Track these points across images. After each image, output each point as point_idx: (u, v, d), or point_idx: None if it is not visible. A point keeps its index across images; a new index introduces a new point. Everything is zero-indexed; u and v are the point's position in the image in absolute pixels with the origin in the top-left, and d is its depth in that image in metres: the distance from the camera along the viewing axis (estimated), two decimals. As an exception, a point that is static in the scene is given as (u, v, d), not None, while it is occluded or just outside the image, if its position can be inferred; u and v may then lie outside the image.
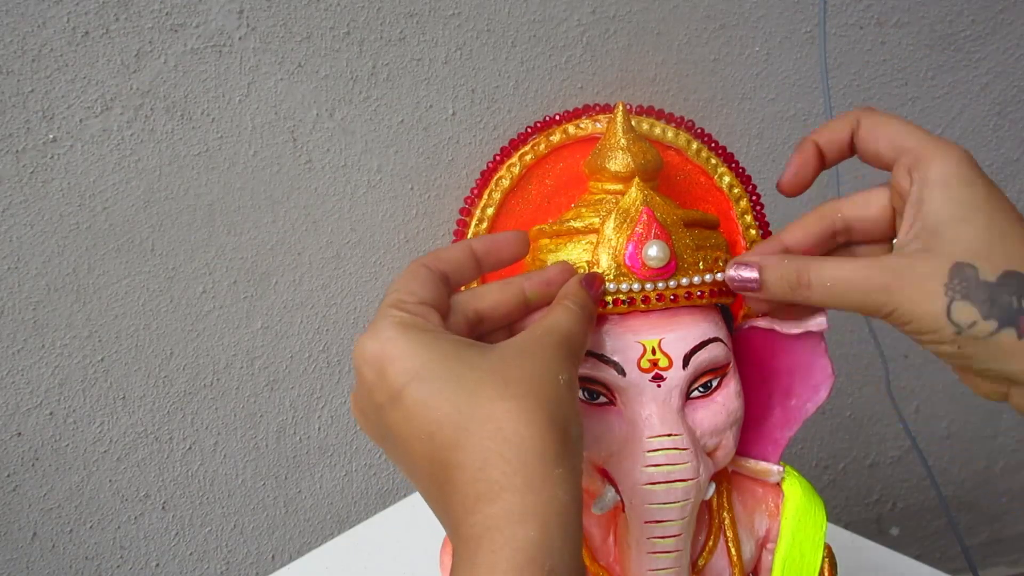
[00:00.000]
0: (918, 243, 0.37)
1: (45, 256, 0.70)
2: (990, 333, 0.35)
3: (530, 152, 0.46)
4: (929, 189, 0.37)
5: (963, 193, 0.36)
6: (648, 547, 0.40)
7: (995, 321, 0.35)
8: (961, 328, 0.35)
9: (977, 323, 0.35)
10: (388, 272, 0.80)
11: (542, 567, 0.30)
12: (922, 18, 0.88)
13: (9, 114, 0.65)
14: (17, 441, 0.74)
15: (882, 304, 0.37)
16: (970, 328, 0.35)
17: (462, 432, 0.31)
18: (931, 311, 0.36)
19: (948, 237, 0.36)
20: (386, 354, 0.33)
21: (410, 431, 0.33)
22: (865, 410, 1.08)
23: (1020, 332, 0.35)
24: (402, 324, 0.34)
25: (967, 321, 0.35)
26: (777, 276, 0.39)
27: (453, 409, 0.32)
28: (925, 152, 0.37)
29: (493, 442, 0.31)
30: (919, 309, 0.36)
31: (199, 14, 0.68)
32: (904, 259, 0.37)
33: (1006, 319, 0.35)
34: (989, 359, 0.36)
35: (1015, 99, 0.95)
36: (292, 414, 0.83)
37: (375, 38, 0.73)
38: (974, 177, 0.37)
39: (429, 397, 0.32)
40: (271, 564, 0.87)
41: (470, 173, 0.79)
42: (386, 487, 0.90)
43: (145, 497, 0.80)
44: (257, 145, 0.73)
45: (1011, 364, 0.36)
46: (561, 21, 0.77)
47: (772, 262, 0.40)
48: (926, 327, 0.36)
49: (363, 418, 0.36)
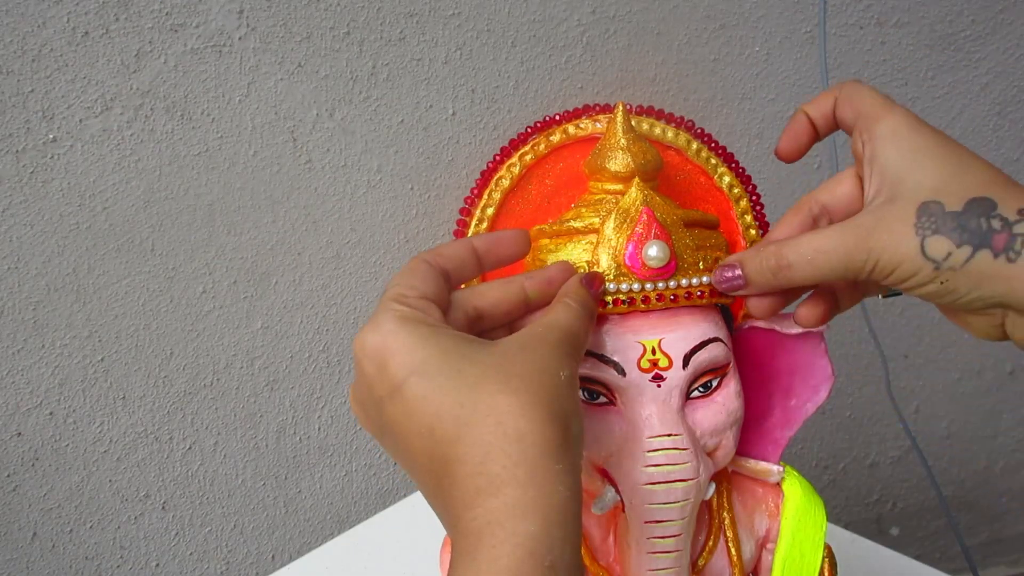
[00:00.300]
0: (882, 196, 0.38)
1: (45, 256, 0.70)
2: (966, 259, 0.36)
3: (530, 152, 0.46)
4: (881, 143, 0.38)
5: (914, 141, 0.38)
6: (648, 547, 0.40)
7: (968, 247, 0.36)
8: (938, 262, 0.36)
9: (952, 253, 0.36)
10: (388, 272, 0.80)
11: (542, 562, 0.30)
12: (922, 18, 0.88)
13: (9, 114, 0.65)
14: (17, 441, 0.74)
15: (863, 261, 0.37)
16: (947, 260, 0.36)
17: (463, 426, 0.31)
18: (908, 254, 0.36)
19: (908, 183, 0.37)
20: (387, 347, 0.33)
21: (410, 425, 0.33)
22: (865, 410, 1.08)
23: (995, 251, 0.36)
24: (403, 318, 0.34)
25: (942, 253, 0.36)
26: (756, 266, 0.40)
27: (454, 403, 0.32)
28: (873, 112, 0.39)
29: (494, 436, 0.31)
30: (896, 255, 0.37)
31: (199, 14, 0.68)
32: (872, 214, 0.38)
33: (978, 241, 0.36)
34: (973, 287, 0.36)
35: (1015, 99, 0.95)
36: (292, 414, 0.83)
37: (375, 38, 0.73)
38: (920, 125, 0.38)
39: (430, 391, 0.32)
40: (271, 564, 0.87)
41: (470, 173, 0.79)
42: (386, 487, 0.90)
43: (145, 497, 0.80)
44: (257, 145, 0.73)
45: (995, 286, 0.36)
46: (561, 21, 0.77)
47: (749, 255, 0.41)
48: (907, 271, 0.37)
49: (362, 412, 0.36)
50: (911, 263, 0.37)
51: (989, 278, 0.36)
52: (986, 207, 0.36)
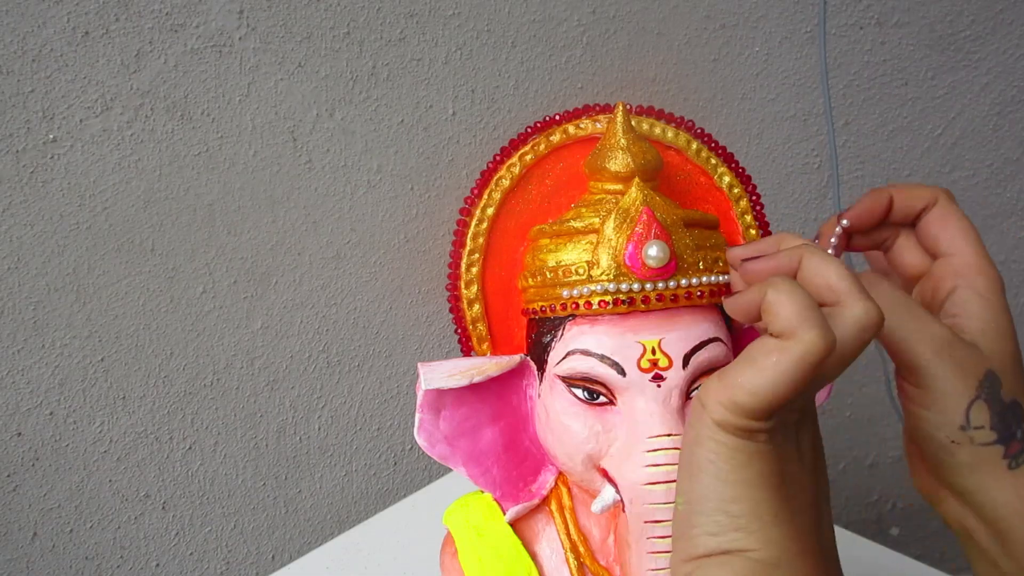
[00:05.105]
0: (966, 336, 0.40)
1: (45, 256, 0.70)
2: (987, 443, 0.39)
3: (530, 152, 0.46)
4: (974, 295, 0.41)
5: (999, 315, 0.41)
6: (648, 547, 0.40)
7: (996, 434, 0.39)
8: (969, 425, 0.39)
9: (984, 428, 0.39)
10: (388, 272, 0.80)
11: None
12: (922, 18, 0.88)
13: (9, 114, 0.65)
14: (17, 441, 0.74)
15: (929, 363, 0.40)
16: (976, 429, 0.39)
17: None
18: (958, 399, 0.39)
19: (987, 346, 0.40)
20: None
21: None
22: (865, 410, 1.08)
23: (1005, 453, 0.39)
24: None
25: (979, 422, 0.39)
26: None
27: None
28: (976, 263, 0.42)
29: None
30: (951, 388, 0.39)
31: (199, 14, 0.68)
32: (958, 341, 0.40)
33: (1003, 438, 0.39)
34: (964, 464, 0.39)
35: (1015, 99, 0.95)
36: (292, 414, 0.83)
37: (375, 38, 0.73)
38: (1004, 302, 0.42)
39: None
40: (271, 564, 0.87)
41: (470, 173, 0.79)
42: (386, 487, 0.90)
43: (145, 497, 0.80)
44: (257, 145, 0.73)
45: (975, 476, 0.39)
46: (561, 21, 0.77)
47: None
48: (944, 407, 0.39)
49: None
50: (955, 405, 0.39)
51: (979, 467, 0.39)
52: (1019, 414, 0.39)
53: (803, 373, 0.31)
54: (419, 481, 0.90)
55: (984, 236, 0.44)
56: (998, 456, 0.39)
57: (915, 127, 0.93)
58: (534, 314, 0.44)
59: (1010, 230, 0.99)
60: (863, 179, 0.93)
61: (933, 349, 0.39)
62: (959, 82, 0.93)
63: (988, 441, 0.39)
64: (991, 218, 0.97)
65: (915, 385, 0.40)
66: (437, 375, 0.42)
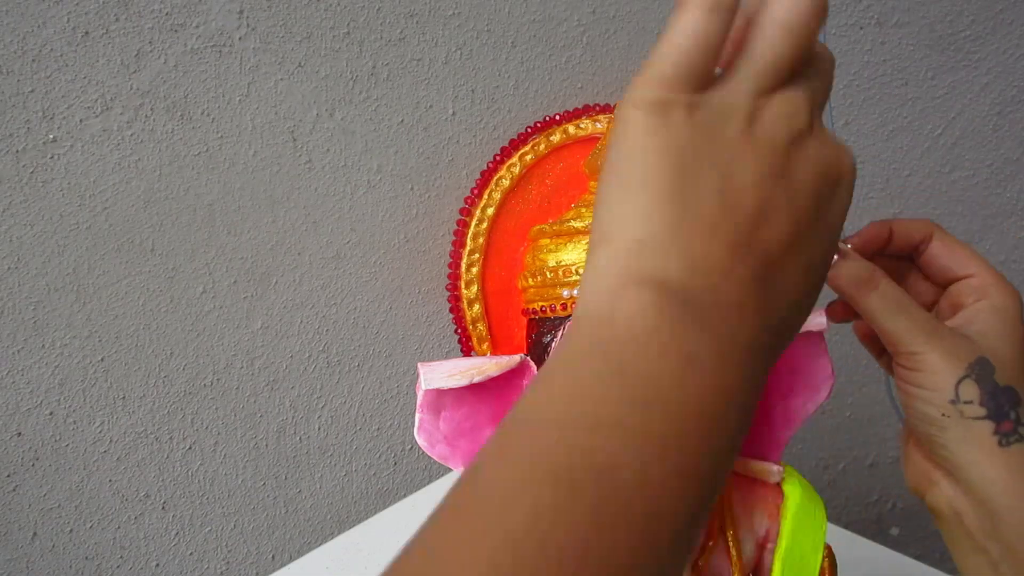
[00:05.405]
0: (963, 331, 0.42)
1: (45, 256, 0.70)
2: (977, 417, 0.40)
3: (530, 152, 0.46)
4: (988, 308, 0.43)
5: (1013, 329, 0.42)
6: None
7: (985, 410, 0.40)
8: (959, 400, 0.40)
9: (973, 403, 0.40)
10: (388, 272, 0.80)
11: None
12: (922, 18, 0.88)
13: (9, 114, 0.65)
14: (17, 441, 0.74)
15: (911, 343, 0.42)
16: (966, 403, 0.40)
17: None
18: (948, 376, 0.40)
19: (986, 344, 0.41)
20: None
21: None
22: (865, 410, 1.08)
23: (996, 429, 0.40)
24: None
25: (968, 397, 0.40)
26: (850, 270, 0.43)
27: None
28: (995, 280, 0.43)
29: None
30: (941, 367, 0.40)
31: (199, 14, 0.68)
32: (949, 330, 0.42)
33: (993, 415, 0.40)
34: (955, 439, 0.41)
35: (1015, 99, 0.95)
36: (292, 414, 0.83)
37: (375, 38, 0.73)
38: (1020, 322, 0.43)
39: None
40: (271, 564, 0.87)
41: (470, 173, 0.79)
42: (386, 487, 0.90)
43: (145, 497, 0.80)
44: (257, 145, 0.72)
45: (965, 451, 0.40)
46: (561, 21, 0.77)
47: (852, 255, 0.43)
48: (935, 383, 0.41)
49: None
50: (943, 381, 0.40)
51: (970, 441, 0.40)
52: (1015, 399, 0.40)
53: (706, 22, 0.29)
54: (419, 481, 0.90)
55: (984, 236, 0.44)
56: (988, 432, 0.40)
57: (915, 127, 0.93)
58: (534, 314, 0.44)
59: (1010, 230, 0.99)
60: (863, 179, 0.93)
61: (926, 334, 0.41)
62: (959, 82, 0.93)
63: (977, 416, 0.40)
64: (991, 218, 0.97)
65: (909, 368, 0.42)
66: (437, 375, 0.42)
